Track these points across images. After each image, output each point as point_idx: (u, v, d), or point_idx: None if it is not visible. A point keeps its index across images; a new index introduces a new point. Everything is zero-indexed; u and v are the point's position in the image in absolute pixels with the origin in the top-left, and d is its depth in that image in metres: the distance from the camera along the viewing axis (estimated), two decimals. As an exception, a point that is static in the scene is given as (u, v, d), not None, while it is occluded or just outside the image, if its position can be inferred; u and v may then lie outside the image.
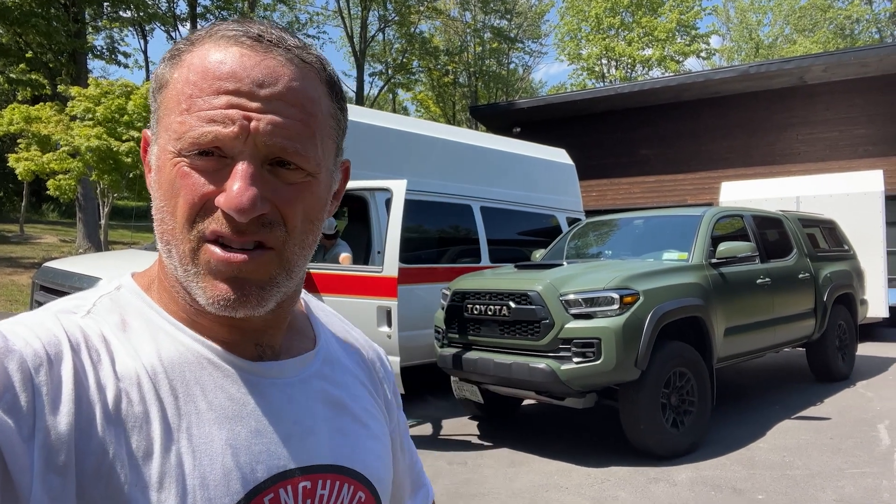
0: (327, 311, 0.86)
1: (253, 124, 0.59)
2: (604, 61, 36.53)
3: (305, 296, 0.81)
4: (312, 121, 0.63)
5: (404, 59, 36.26)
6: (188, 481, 0.58)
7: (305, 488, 0.65)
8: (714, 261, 5.59)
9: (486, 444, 5.27)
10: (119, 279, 0.70)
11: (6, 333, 0.55)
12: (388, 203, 5.36)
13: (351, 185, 0.62)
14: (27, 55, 18.20)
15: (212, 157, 0.59)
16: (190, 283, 0.62)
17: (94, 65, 37.04)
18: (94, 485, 0.54)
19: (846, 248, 8.24)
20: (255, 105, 0.59)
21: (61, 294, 5.14)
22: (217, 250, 0.60)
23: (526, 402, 6.21)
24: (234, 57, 0.60)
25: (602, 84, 35.29)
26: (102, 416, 0.56)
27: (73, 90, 14.02)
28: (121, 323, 0.63)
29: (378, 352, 0.89)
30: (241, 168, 0.59)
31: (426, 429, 5.72)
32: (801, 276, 6.76)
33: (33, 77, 18.61)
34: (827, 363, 7.18)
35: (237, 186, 0.58)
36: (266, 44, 0.61)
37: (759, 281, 6.03)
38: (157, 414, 0.59)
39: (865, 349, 9.19)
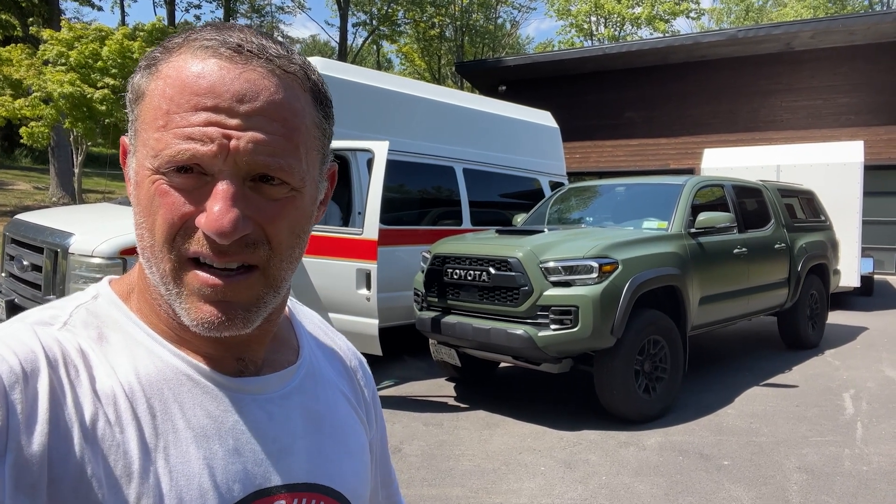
0: (310, 315, 0.85)
1: (233, 143, 0.57)
2: (593, 18, 35.99)
3: (290, 301, 0.80)
4: (296, 134, 0.61)
5: (389, 10, 35.38)
6: (165, 502, 0.57)
7: None
8: (693, 230, 5.63)
9: (462, 406, 5.35)
10: (96, 286, 0.68)
11: None
12: (369, 164, 5.29)
13: (332, 144, 0.62)
14: (-4, -7, 17.49)
15: (191, 174, 0.58)
16: (173, 301, 0.61)
17: (68, 6, 35.66)
18: None
19: (822, 218, 8.35)
20: (234, 122, 0.57)
21: (33, 248, 5.04)
22: (200, 273, 0.59)
23: (502, 365, 6.29)
24: (213, 70, 0.58)
25: (590, 43, 34.85)
26: (80, 435, 0.55)
27: (46, 33, 13.52)
28: (98, 337, 0.62)
29: (360, 358, 0.89)
30: (221, 188, 0.57)
31: (403, 389, 5.79)
32: (776, 246, 6.85)
33: (3, 17, 17.91)
34: (797, 331, 7.35)
35: (217, 208, 0.57)
36: (246, 54, 0.59)
37: (735, 251, 6.09)
38: (133, 434, 0.58)
39: (836, 318, 9.42)
